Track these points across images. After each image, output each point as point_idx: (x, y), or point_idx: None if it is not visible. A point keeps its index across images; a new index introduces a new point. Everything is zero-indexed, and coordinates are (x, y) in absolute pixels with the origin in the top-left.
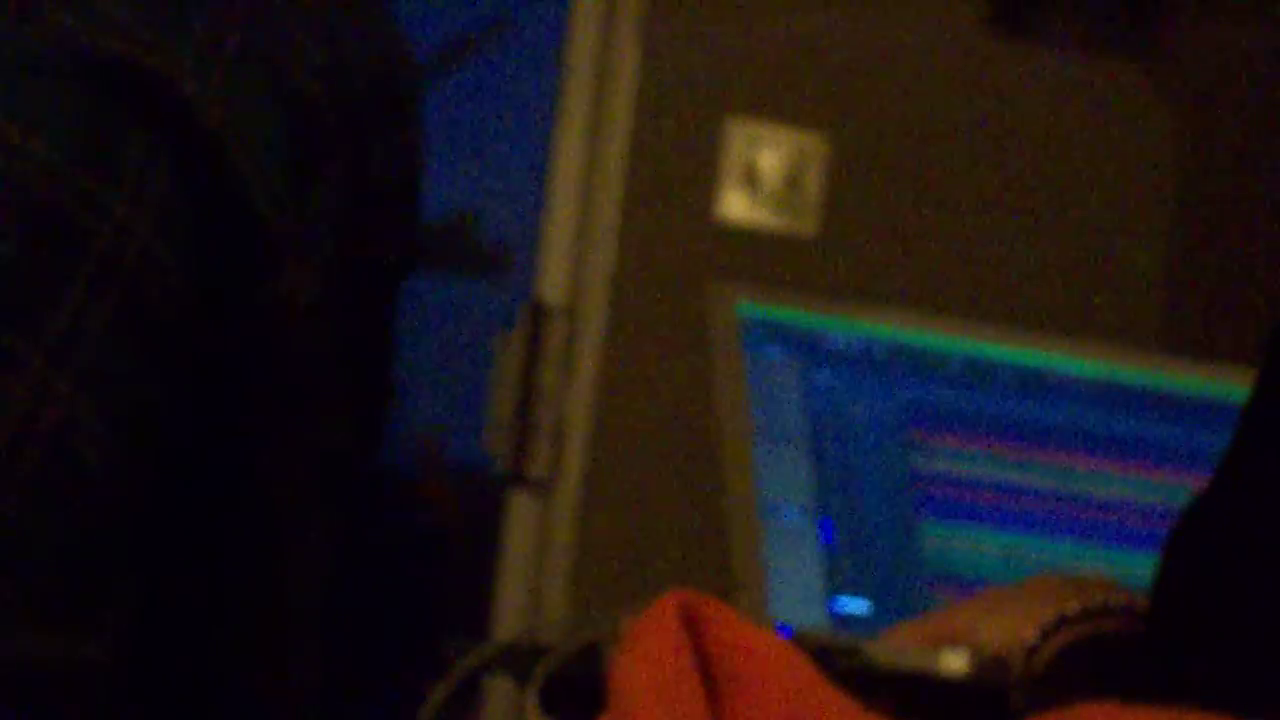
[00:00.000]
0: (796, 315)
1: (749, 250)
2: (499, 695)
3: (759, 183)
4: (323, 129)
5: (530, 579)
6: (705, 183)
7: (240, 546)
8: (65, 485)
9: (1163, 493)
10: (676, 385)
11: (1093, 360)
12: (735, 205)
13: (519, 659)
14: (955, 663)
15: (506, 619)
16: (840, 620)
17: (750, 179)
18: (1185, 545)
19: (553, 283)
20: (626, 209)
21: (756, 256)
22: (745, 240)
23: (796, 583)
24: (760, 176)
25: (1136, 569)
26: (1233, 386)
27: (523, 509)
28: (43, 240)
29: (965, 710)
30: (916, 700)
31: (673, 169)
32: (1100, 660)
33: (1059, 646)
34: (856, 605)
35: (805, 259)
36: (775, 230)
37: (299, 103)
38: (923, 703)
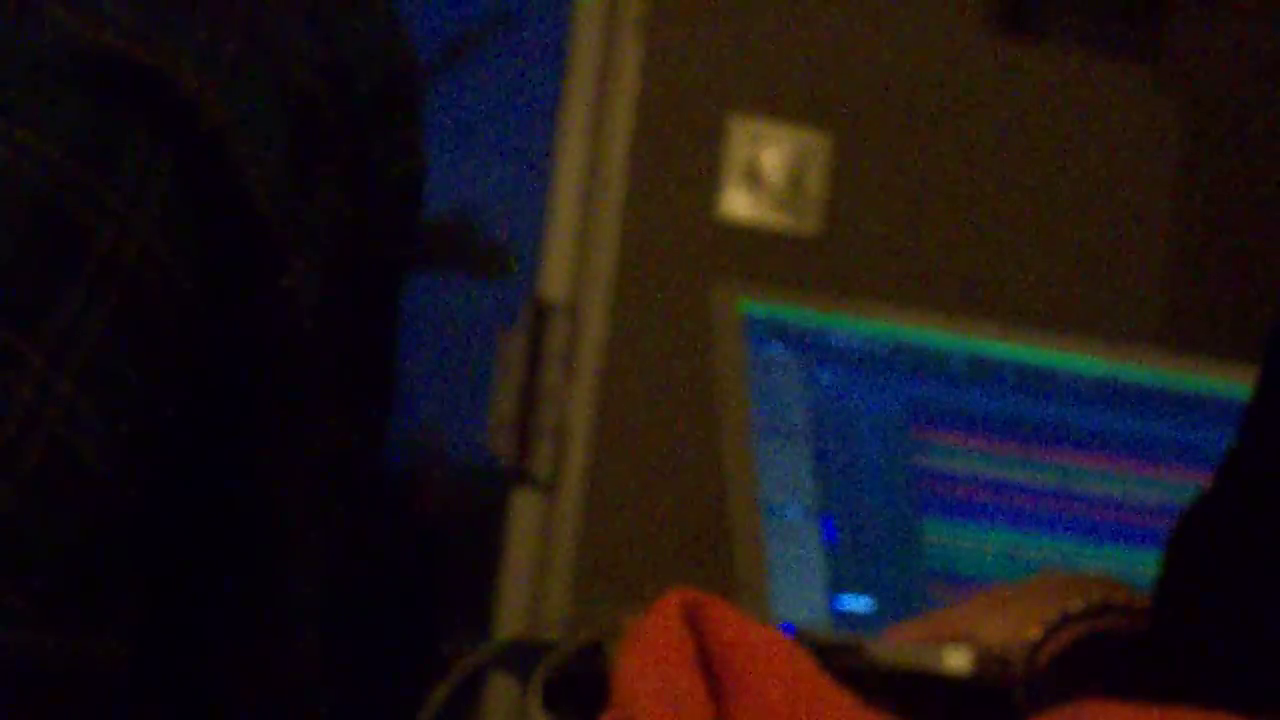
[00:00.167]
0: (798, 313)
1: (751, 248)
2: (501, 693)
3: (761, 181)
4: (324, 127)
5: (532, 577)
6: (707, 181)
7: (242, 545)
8: (66, 483)
9: (1165, 490)
10: (678, 383)
11: (1095, 358)
12: (738, 203)
13: (521, 657)
14: (957, 660)
15: (509, 617)
16: (842, 618)
17: (752, 177)
18: (1188, 543)
19: (555, 281)
20: (628, 207)
21: (759, 254)
22: (747, 238)
23: (798, 580)
24: (762, 174)
25: (1138, 567)
26: (1234, 384)
27: (525, 507)
28: (43, 238)
29: (967, 708)
30: (919, 698)
31: (675, 167)
32: (1102, 658)
33: (1061, 644)
34: (858, 603)
35: (807, 257)
36: (777, 228)
37: (300, 100)
38: (925, 701)
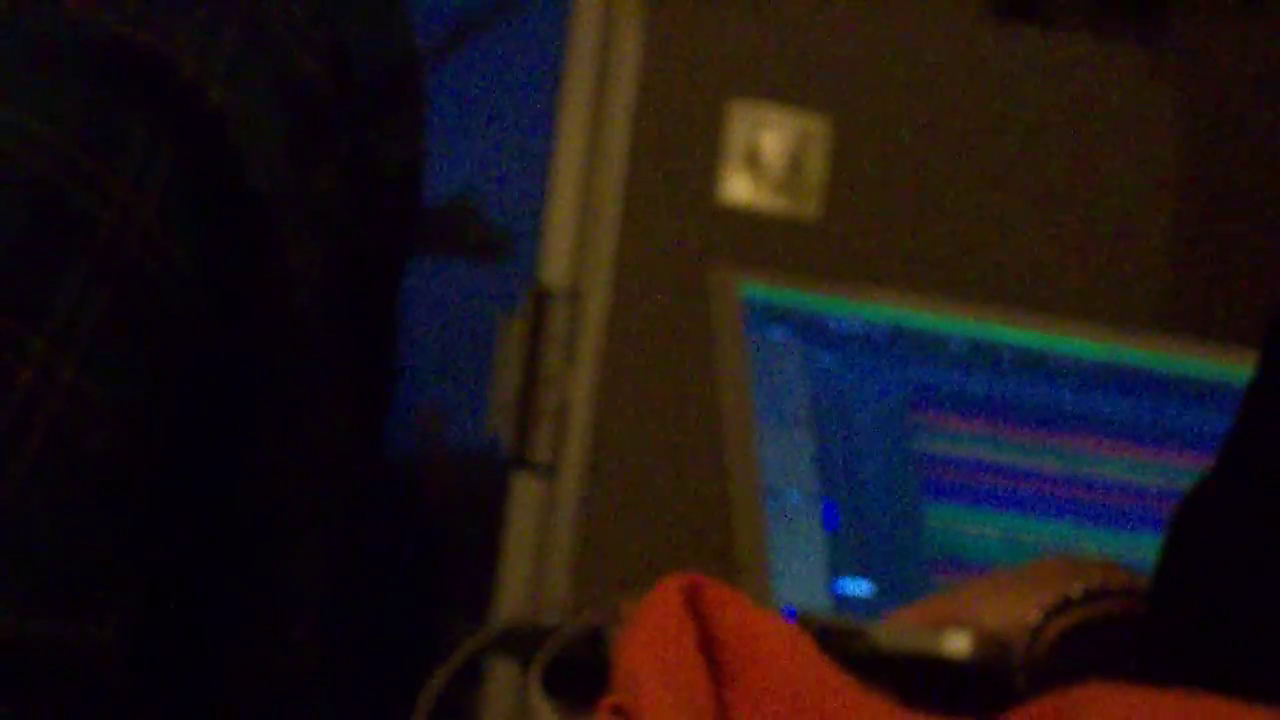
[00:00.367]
0: (799, 297)
1: (751, 233)
2: (501, 678)
3: (761, 165)
4: (325, 111)
5: (533, 562)
6: (707, 165)
7: (243, 532)
8: (68, 470)
9: (1165, 474)
10: (679, 368)
11: (1096, 342)
12: (738, 188)
13: (522, 641)
14: (958, 644)
15: (509, 601)
16: (843, 602)
17: (753, 161)
18: (1188, 527)
19: (555, 266)
20: (629, 192)
21: (759, 239)
22: (747, 223)
23: (799, 565)
24: (763, 159)
25: (1139, 551)
26: (1235, 368)
27: (526, 492)
28: (44, 224)
29: (968, 692)
30: (919, 682)
31: (675, 152)
32: (1103, 642)
33: (1062, 628)
34: (859, 587)
35: (807, 241)
36: (777, 213)
37: (301, 85)
38: (925, 684)
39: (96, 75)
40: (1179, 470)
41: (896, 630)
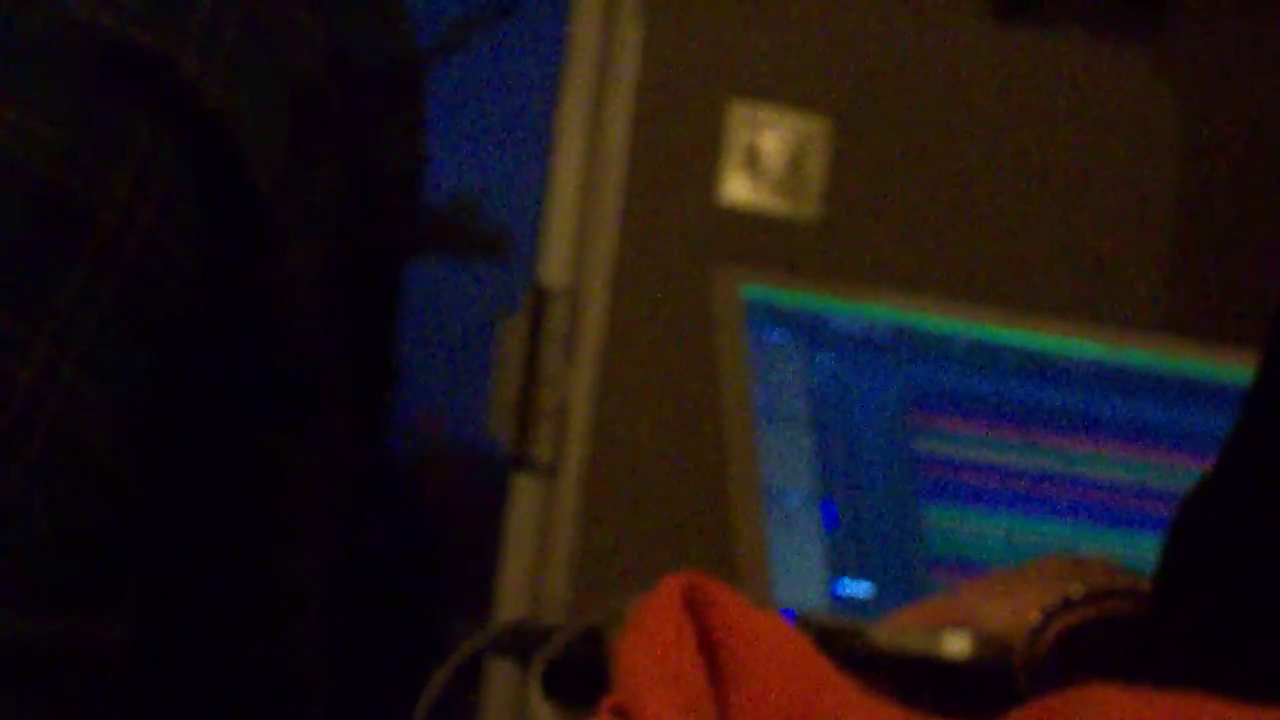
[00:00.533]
0: (799, 298)
1: (751, 233)
2: (501, 677)
3: (761, 166)
4: (325, 111)
5: (533, 562)
6: (707, 166)
7: (245, 530)
8: (69, 468)
9: (1166, 475)
10: (679, 368)
11: (1096, 343)
12: (738, 188)
13: (522, 641)
14: (958, 645)
15: (509, 601)
16: (842, 603)
17: (752, 162)
18: (1190, 528)
19: (555, 266)
20: (629, 192)
21: (759, 239)
22: (748, 223)
23: (799, 565)
24: (763, 159)
25: (1139, 551)
26: (1236, 369)
27: (525, 492)
28: (46, 222)
29: (967, 692)
30: (918, 683)
31: (675, 152)
32: (1103, 643)
33: (1062, 629)
34: (858, 588)
35: (808, 242)
36: (778, 213)
37: (302, 84)
38: (925, 685)
39: (98, 75)
40: (1179, 471)
41: (896, 631)
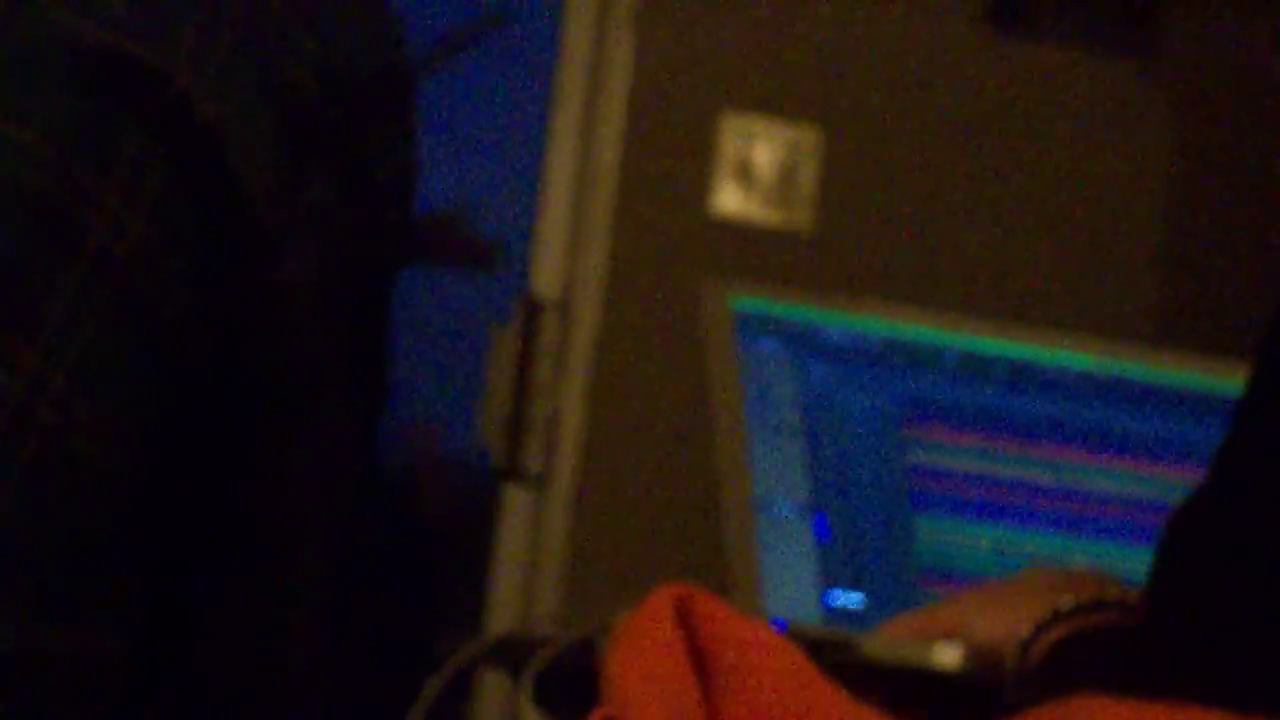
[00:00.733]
0: (791, 309)
1: (743, 244)
2: (492, 689)
3: (753, 177)
4: (317, 122)
5: (524, 573)
6: (699, 177)
7: (238, 540)
8: (61, 479)
9: (1157, 487)
10: (670, 379)
11: (1087, 354)
12: (729, 199)
13: (513, 652)
14: (949, 657)
15: (500, 613)
16: (834, 614)
17: (744, 173)
18: (1181, 539)
19: (547, 277)
20: (621, 203)
21: (751, 251)
22: (739, 234)
23: (790, 576)
24: (754, 171)
25: (1130, 563)
26: (1227, 381)
27: (517, 503)
28: (38, 235)
29: (959, 704)
30: (910, 694)
31: (667, 163)
32: (1094, 654)
33: (1053, 641)
34: (850, 599)
35: (799, 253)
36: (769, 224)
37: (293, 96)
38: (916, 697)
39: (88, 86)
40: (1170, 482)
41: (887, 642)
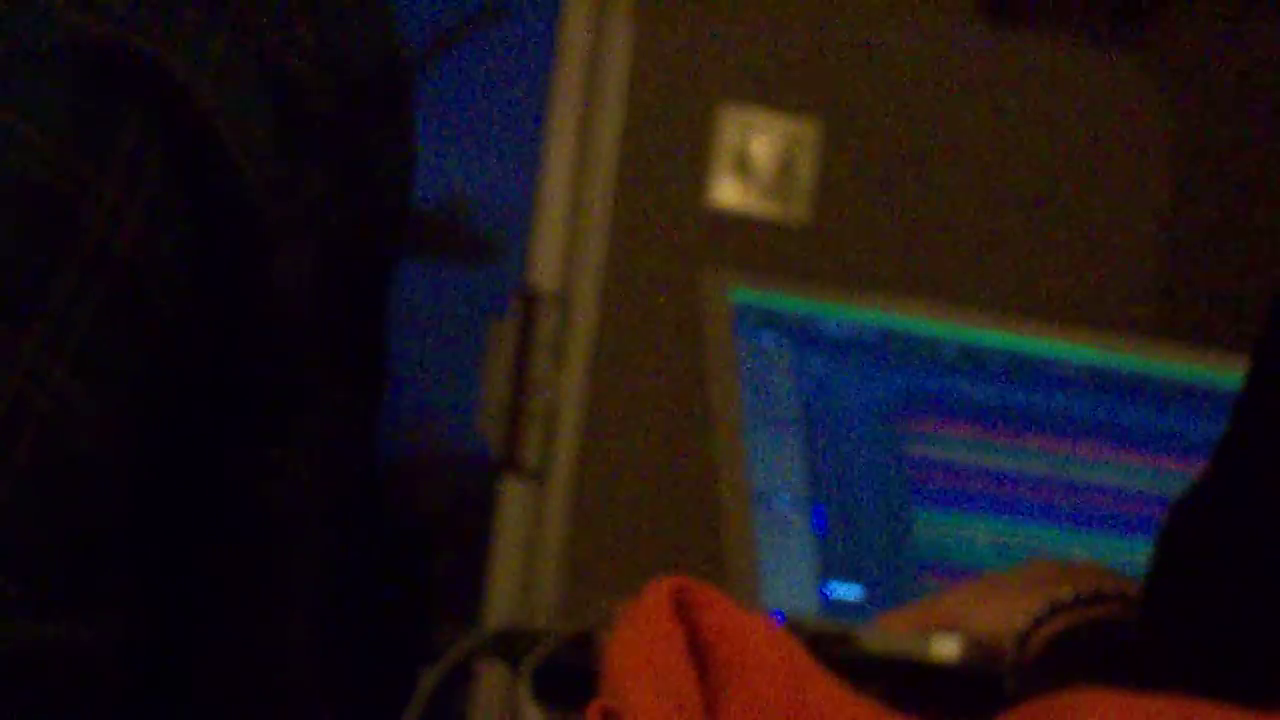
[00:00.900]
0: (789, 301)
1: (741, 237)
2: (491, 681)
3: (751, 169)
4: (315, 114)
5: (522, 565)
6: (697, 169)
7: (236, 533)
8: (59, 472)
9: (1156, 479)
10: (668, 371)
11: (1085, 346)
12: (727, 192)
13: (511, 645)
14: (947, 649)
15: (499, 605)
16: (832, 606)
17: (742, 165)
18: (1180, 532)
19: (545, 269)
20: (619, 196)
21: (749, 243)
22: (737, 227)
23: (788, 568)
24: (752, 163)
25: (1129, 555)
26: (1225, 374)
27: (515, 495)
28: (35, 225)
29: (957, 696)
30: (908, 686)
31: (665, 156)
32: (1093, 647)
33: (1051, 633)
34: (848, 591)
35: (797, 245)
36: (767, 217)
37: (291, 89)
38: (914, 689)
39: (86, 78)
40: (1169, 475)
41: (885, 634)
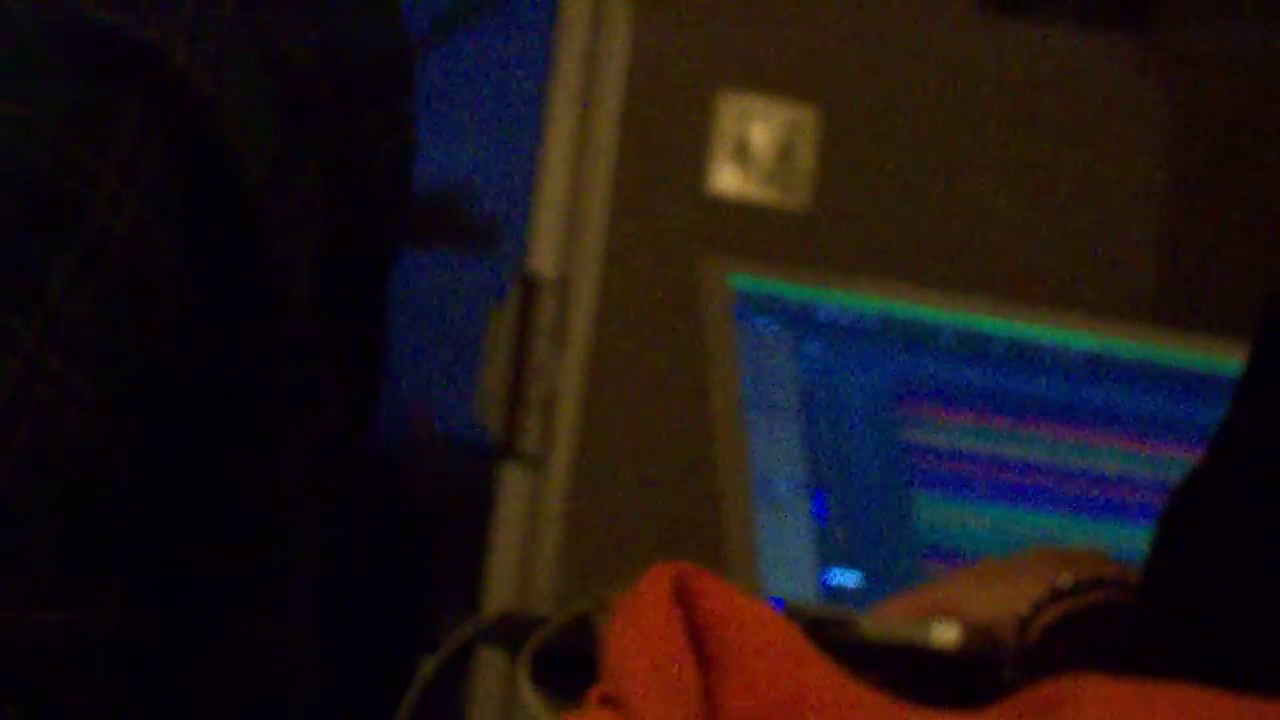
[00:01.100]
0: (788, 288)
1: (740, 223)
2: (491, 667)
3: (751, 156)
4: (315, 102)
5: (521, 552)
6: (697, 156)
7: (234, 521)
8: (57, 459)
9: (1155, 466)
10: (668, 358)
11: (1085, 333)
12: (727, 178)
13: (511, 631)
14: (947, 635)
15: (497, 591)
16: (832, 592)
17: (742, 152)
18: (1180, 519)
19: (544, 256)
20: (618, 182)
21: (748, 229)
22: (737, 213)
23: (788, 555)
24: (752, 150)
25: (1128, 542)
26: (1225, 360)
27: (514, 482)
28: (34, 213)
29: (956, 682)
30: (908, 672)
31: (664, 142)
32: (1092, 633)
33: (1051, 619)
34: (848, 577)
35: (797, 232)
36: (767, 203)
37: (291, 75)
38: (914, 675)
39: (86, 64)
40: (1169, 461)
41: (885, 620)
